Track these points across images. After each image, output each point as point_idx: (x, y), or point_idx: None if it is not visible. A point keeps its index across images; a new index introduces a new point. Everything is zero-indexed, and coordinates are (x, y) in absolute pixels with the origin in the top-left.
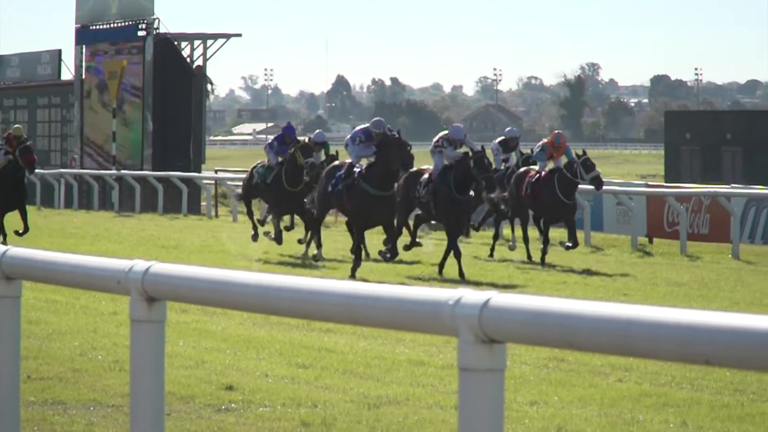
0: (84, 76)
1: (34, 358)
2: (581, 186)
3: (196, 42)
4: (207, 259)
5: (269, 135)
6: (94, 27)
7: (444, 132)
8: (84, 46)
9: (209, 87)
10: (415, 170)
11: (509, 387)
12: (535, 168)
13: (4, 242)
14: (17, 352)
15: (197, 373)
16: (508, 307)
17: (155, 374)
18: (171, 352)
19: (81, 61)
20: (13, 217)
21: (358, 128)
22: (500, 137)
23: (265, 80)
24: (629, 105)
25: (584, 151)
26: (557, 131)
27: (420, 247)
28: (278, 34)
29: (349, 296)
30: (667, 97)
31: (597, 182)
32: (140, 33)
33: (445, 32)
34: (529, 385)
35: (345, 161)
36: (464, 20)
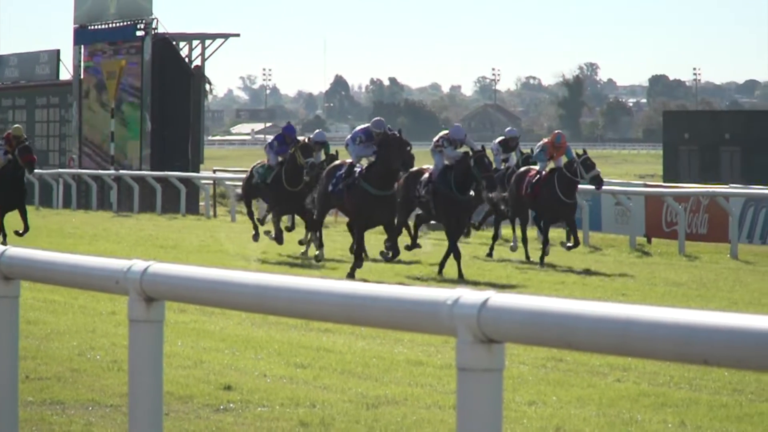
0: (82, 76)
1: (33, 358)
2: (580, 185)
3: (195, 42)
4: (205, 259)
5: (268, 135)
6: (93, 27)
7: (444, 132)
8: (82, 46)
9: (207, 87)
10: (416, 170)
11: (507, 387)
12: (536, 167)
13: (4, 242)
14: (16, 352)
15: (195, 373)
16: (507, 307)
17: (154, 374)
18: (169, 352)
19: (79, 61)
20: (13, 217)
21: (359, 128)
22: (500, 137)
23: (264, 80)
24: (628, 105)
25: (584, 151)
26: (557, 131)
27: (419, 248)
28: (276, 34)
29: (348, 296)
30: (666, 97)
31: (597, 181)
32: (138, 33)
33: (444, 32)
34: (528, 385)
35: (345, 161)
36: (463, 20)
